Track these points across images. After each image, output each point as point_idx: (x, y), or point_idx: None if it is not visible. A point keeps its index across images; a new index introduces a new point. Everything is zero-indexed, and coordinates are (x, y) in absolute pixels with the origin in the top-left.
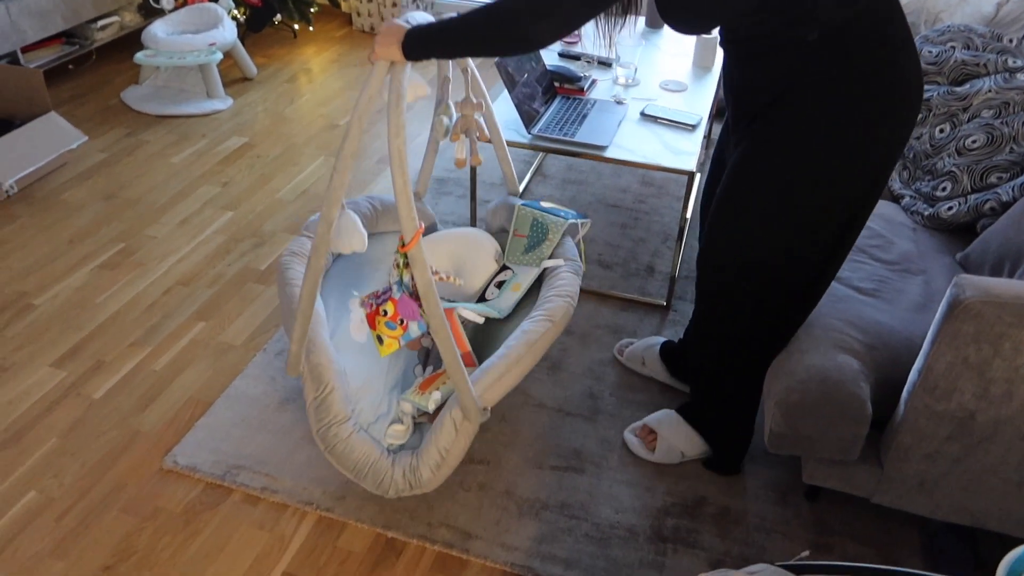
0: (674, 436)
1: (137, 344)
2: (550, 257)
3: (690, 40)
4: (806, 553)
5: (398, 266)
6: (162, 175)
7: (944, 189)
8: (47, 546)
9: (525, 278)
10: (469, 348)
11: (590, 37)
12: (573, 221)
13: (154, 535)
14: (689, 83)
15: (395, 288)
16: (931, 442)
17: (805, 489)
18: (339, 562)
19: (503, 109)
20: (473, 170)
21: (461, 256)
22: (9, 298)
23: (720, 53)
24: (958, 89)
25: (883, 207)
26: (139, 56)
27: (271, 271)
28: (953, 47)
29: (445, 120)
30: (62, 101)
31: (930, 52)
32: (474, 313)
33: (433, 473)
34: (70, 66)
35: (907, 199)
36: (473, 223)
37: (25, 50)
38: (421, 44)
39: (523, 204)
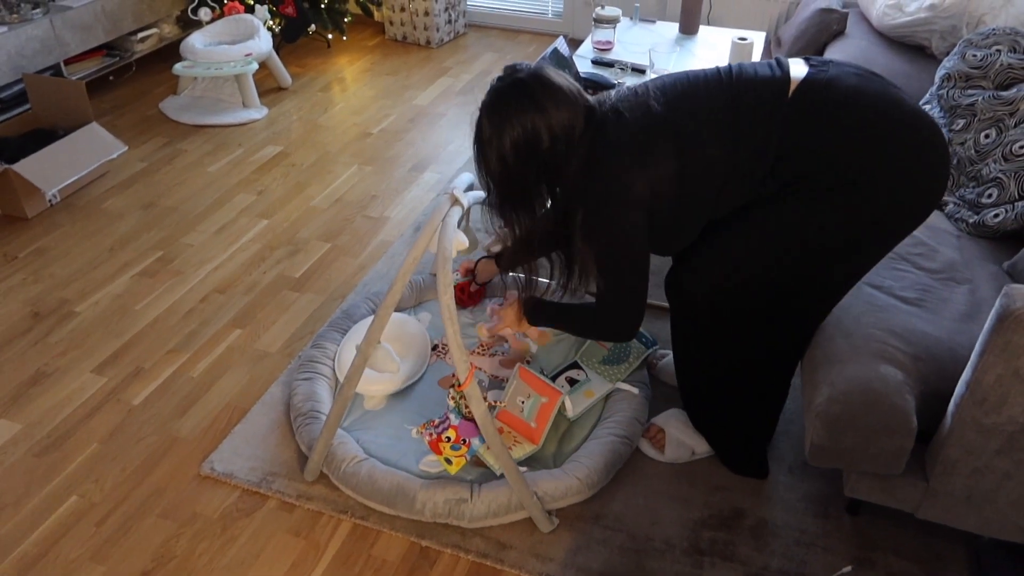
0: (682, 433)
1: (175, 351)
2: (626, 379)
3: (725, 45)
4: (848, 568)
5: (454, 399)
6: (199, 184)
7: (990, 196)
8: (88, 550)
9: (599, 388)
10: (545, 426)
11: None
12: (652, 349)
13: (192, 541)
14: None
15: (452, 416)
16: (980, 456)
17: (846, 502)
18: (373, 570)
19: None
20: None
21: (399, 340)
22: (52, 305)
23: (756, 57)
24: (1004, 93)
25: None
26: (177, 67)
27: (305, 278)
28: (999, 50)
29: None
30: (103, 112)
31: (975, 56)
32: (570, 406)
33: (476, 520)
34: (111, 77)
35: (951, 206)
36: None
37: (68, 62)
38: (539, 318)
39: None
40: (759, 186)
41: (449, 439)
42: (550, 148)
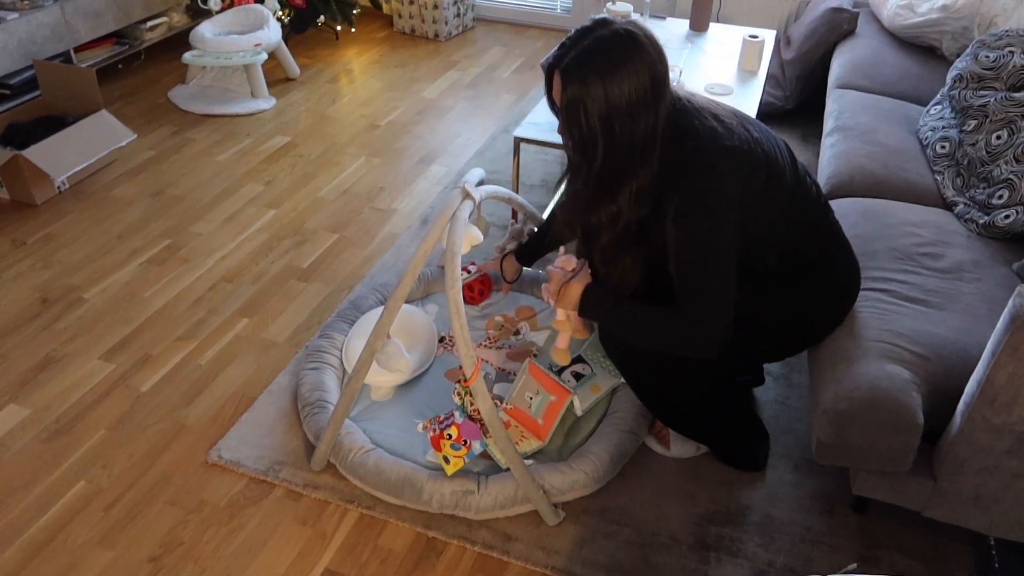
0: None
1: (183, 339)
2: None
3: (736, 42)
4: (854, 566)
5: (459, 395)
6: (207, 173)
7: (1001, 197)
8: (95, 535)
9: (605, 382)
10: (552, 423)
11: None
12: None
13: (199, 528)
14: (735, 86)
15: (457, 414)
16: (989, 456)
17: (852, 500)
18: (380, 560)
19: (546, 111)
20: (515, 213)
21: (406, 332)
22: (60, 291)
23: (767, 55)
24: (1017, 95)
25: (935, 215)
26: (186, 56)
27: (313, 269)
28: (1011, 52)
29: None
30: (112, 100)
31: (987, 57)
32: (579, 405)
33: (483, 512)
34: (120, 65)
35: (961, 207)
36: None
37: (78, 50)
38: (594, 310)
39: None
40: (765, 257)
41: (451, 436)
42: (655, 113)
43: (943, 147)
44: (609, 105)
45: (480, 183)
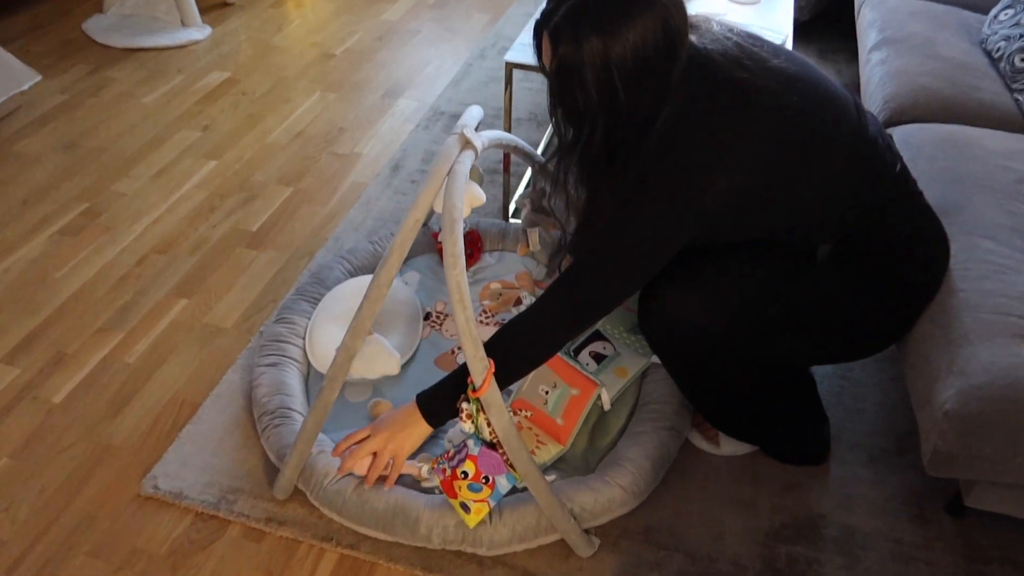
0: None
1: (105, 330)
2: None
3: None
4: None
5: (469, 415)
6: (132, 119)
7: None
8: None
9: (632, 364)
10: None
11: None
12: None
13: None
14: None
15: (471, 443)
16: None
17: (946, 502)
18: None
19: None
20: (507, 157)
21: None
22: None
23: None
24: None
25: None
26: None
27: (264, 232)
28: None
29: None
30: (16, 35)
31: None
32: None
33: (498, 546)
34: None
35: None
36: (506, 215)
37: None
38: (442, 408)
39: None
40: (814, 242)
41: (466, 475)
42: (667, 76)
43: (1023, 60)
44: (610, 69)
45: (479, 127)
